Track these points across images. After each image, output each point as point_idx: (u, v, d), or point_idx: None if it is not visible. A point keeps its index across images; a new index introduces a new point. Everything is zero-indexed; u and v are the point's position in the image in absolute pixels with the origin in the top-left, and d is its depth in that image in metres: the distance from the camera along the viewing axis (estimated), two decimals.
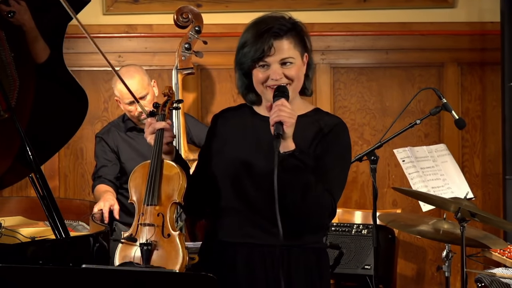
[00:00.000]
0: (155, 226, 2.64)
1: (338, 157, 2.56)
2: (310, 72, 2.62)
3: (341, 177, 2.58)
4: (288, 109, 2.40)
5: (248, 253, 2.56)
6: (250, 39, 2.51)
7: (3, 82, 2.97)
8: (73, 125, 3.28)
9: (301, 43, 2.55)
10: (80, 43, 4.76)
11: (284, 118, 2.38)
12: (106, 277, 2.20)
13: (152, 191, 2.64)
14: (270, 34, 2.49)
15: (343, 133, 2.60)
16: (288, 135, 2.40)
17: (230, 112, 2.73)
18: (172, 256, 2.60)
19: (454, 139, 4.84)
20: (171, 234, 2.62)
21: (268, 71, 2.50)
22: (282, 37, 2.50)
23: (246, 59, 2.52)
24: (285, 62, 2.50)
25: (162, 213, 2.64)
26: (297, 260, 2.56)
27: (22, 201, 4.08)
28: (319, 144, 2.55)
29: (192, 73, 4.28)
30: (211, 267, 2.54)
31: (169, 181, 2.65)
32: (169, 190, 2.65)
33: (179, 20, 4.20)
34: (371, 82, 4.89)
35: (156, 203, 2.64)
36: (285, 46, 2.50)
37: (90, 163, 4.76)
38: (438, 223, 3.61)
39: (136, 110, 4.08)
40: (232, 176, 2.57)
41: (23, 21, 2.97)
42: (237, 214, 2.57)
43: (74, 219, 3.89)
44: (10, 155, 3.08)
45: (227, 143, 2.63)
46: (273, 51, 2.48)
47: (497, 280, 3.53)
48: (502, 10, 4.61)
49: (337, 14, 4.84)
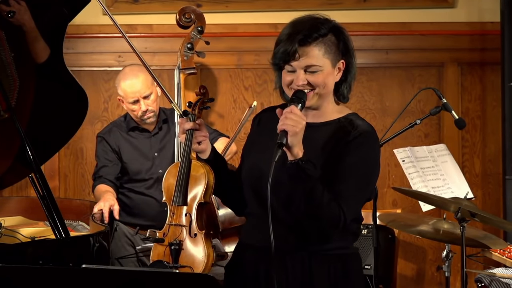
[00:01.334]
0: (182, 226, 2.70)
1: (355, 167, 2.44)
2: (350, 77, 2.55)
3: (356, 190, 2.46)
4: (296, 116, 2.35)
5: (267, 258, 2.48)
6: (283, 39, 2.48)
7: (3, 82, 2.97)
8: (73, 125, 3.28)
9: (337, 49, 2.50)
10: (80, 43, 4.76)
11: (288, 126, 2.33)
12: (106, 277, 2.20)
13: (179, 192, 2.69)
14: (297, 39, 2.44)
15: (366, 143, 2.50)
16: (292, 144, 2.34)
17: (268, 112, 2.68)
18: (197, 255, 2.65)
19: (454, 139, 4.84)
20: (197, 234, 2.67)
21: (293, 75, 2.46)
22: (310, 44, 2.44)
23: (275, 59, 2.49)
24: (310, 70, 2.45)
25: (189, 213, 2.70)
26: (319, 267, 2.51)
27: (22, 201, 4.08)
28: (338, 149, 2.47)
29: (194, 73, 4.28)
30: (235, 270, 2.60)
31: (196, 181, 2.71)
32: (195, 190, 2.71)
33: (181, 20, 4.20)
34: (371, 82, 4.89)
35: (184, 203, 2.69)
36: (312, 53, 2.45)
37: (90, 163, 4.76)
38: (438, 223, 3.61)
39: (139, 109, 4.08)
40: (253, 181, 2.55)
41: (23, 21, 2.97)
42: (257, 219, 2.55)
43: (74, 219, 3.90)
44: (10, 155, 3.08)
45: (255, 146, 2.62)
46: (298, 56, 2.44)
47: (497, 280, 3.53)
48: (502, 10, 4.61)
49: (337, 14, 4.75)
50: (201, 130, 2.58)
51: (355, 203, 2.49)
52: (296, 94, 2.44)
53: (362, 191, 2.50)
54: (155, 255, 2.75)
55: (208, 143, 2.62)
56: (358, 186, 2.47)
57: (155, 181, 4.06)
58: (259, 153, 2.57)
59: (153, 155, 4.12)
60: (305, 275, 2.50)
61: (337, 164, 2.44)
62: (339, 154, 2.45)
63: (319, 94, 2.48)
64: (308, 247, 2.49)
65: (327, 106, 2.55)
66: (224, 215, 3.87)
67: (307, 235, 2.48)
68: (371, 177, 2.53)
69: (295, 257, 2.49)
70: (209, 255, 2.66)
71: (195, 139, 2.58)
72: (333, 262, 2.52)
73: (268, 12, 4.66)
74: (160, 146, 4.15)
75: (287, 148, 2.34)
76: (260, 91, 4.82)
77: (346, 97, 2.58)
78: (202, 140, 2.59)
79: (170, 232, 2.73)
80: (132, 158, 4.14)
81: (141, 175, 4.10)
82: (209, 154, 2.61)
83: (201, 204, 2.69)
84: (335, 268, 2.52)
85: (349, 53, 2.54)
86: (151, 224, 3.62)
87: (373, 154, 2.53)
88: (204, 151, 2.60)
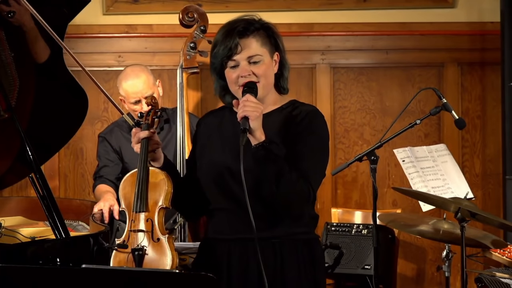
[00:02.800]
0: (144, 231, 2.76)
1: (311, 144, 2.61)
2: (285, 71, 2.71)
3: (317, 164, 2.63)
4: (253, 103, 2.49)
5: (240, 248, 2.63)
6: (220, 39, 2.62)
7: (3, 82, 2.97)
8: (73, 125, 3.28)
9: (270, 42, 2.65)
10: (80, 43, 4.76)
11: (248, 112, 2.47)
12: (106, 277, 2.21)
13: (140, 199, 2.77)
14: (236, 33, 2.59)
15: (316, 120, 2.66)
16: (255, 128, 2.48)
17: (212, 115, 2.84)
18: (162, 259, 2.71)
19: (454, 139, 4.84)
20: (160, 238, 2.75)
21: (238, 70, 2.60)
22: (248, 36, 2.60)
23: (216, 59, 2.63)
24: (253, 60, 2.59)
25: (150, 219, 2.78)
26: (290, 253, 2.63)
27: (22, 201, 4.08)
28: (292, 132, 2.61)
29: (197, 73, 4.29)
30: (206, 265, 2.67)
31: (156, 187, 2.77)
32: (155, 196, 2.78)
33: (184, 19, 4.21)
34: (371, 82, 4.89)
35: (144, 209, 2.78)
36: (252, 44, 2.60)
37: (90, 163, 4.76)
38: (438, 223, 3.61)
39: (141, 109, 4.08)
40: (215, 177, 2.66)
41: (23, 21, 2.97)
42: (226, 213, 2.67)
43: (74, 219, 3.89)
44: (10, 155, 3.08)
45: (208, 145, 2.73)
46: (240, 49, 2.58)
47: (497, 280, 3.53)
48: (502, 10, 4.61)
49: (337, 14, 4.84)
50: (154, 139, 2.72)
51: (319, 176, 2.65)
52: (247, 84, 2.58)
53: (322, 163, 2.66)
54: (116, 263, 2.79)
55: (161, 151, 2.76)
56: (318, 160, 2.63)
57: None
58: (215, 152, 2.69)
59: None
60: (277, 261, 2.61)
61: (295, 144, 2.58)
62: (293, 135, 2.61)
63: (263, 86, 2.61)
64: (277, 233, 2.62)
65: (270, 97, 2.69)
66: None
67: (278, 220, 2.61)
68: (326, 149, 2.69)
69: (267, 244, 2.59)
70: (174, 258, 2.73)
71: (150, 147, 2.71)
72: (300, 247, 2.65)
73: (268, 12, 4.65)
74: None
75: (250, 133, 2.47)
76: None
77: (286, 88, 2.74)
78: (156, 148, 2.73)
79: (131, 238, 2.78)
80: (133, 158, 4.13)
81: None
82: (163, 162, 2.75)
83: (162, 208, 2.76)
84: (302, 253, 2.65)
85: (280, 48, 2.69)
86: None
87: (324, 128, 2.68)
88: (158, 159, 2.75)
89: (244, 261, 2.62)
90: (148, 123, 2.81)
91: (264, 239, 2.54)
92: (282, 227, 2.62)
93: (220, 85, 2.70)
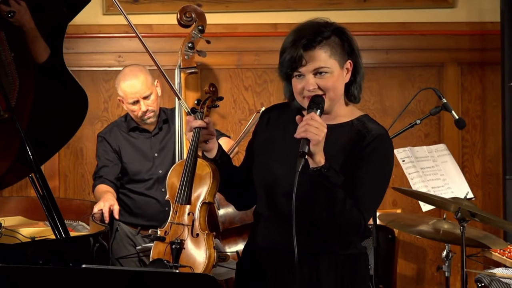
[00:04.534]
0: (185, 225, 2.68)
1: (373, 172, 2.43)
2: (359, 77, 2.53)
3: (374, 195, 2.47)
4: (317, 124, 2.32)
5: (277, 260, 2.51)
6: (287, 47, 2.46)
7: (3, 82, 2.97)
8: (73, 125, 3.28)
9: (342, 49, 2.48)
10: (80, 43, 4.76)
11: (310, 134, 2.30)
12: (106, 277, 2.21)
13: (183, 190, 2.68)
14: (301, 44, 2.41)
15: (383, 147, 2.48)
16: (315, 152, 2.32)
17: (278, 110, 2.65)
18: (198, 255, 2.64)
19: (454, 139, 4.84)
20: (199, 234, 2.66)
21: (303, 81, 2.43)
22: (314, 47, 2.42)
23: (282, 68, 2.47)
24: (319, 72, 2.42)
25: (192, 212, 2.69)
26: (328, 267, 2.50)
27: (22, 201, 4.08)
28: (355, 155, 2.45)
29: (195, 72, 4.28)
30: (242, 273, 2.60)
31: (201, 180, 2.69)
32: (199, 189, 2.70)
33: (182, 19, 4.21)
34: (371, 82, 4.89)
35: (187, 202, 2.68)
36: (319, 56, 2.42)
37: (90, 163, 4.76)
38: (438, 223, 3.61)
39: (139, 109, 4.08)
40: (266, 185, 2.54)
41: (23, 21, 2.97)
42: (268, 222, 2.55)
43: (74, 219, 3.90)
44: (10, 155, 3.08)
45: (266, 145, 2.59)
46: (305, 62, 2.41)
47: (497, 280, 3.53)
48: (502, 10, 4.61)
49: (337, 14, 4.83)
50: (209, 129, 2.56)
51: (374, 207, 2.52)
52: (313, 100, 2.41)
53: (379, 194, 2.50)
54: (155, 253, 2.73)
55: (215, 141, 2.60)
56: (376, 190, 2.47)
57: (155, 182, 4.06)
58: (271, 154, 2.55)
59: (153, 155, 4.12)
60: (313, 276, 2.48)
61: (355, 170, 2.42)
62: (356, 159, 2.44)
63: (331, 99, 2.46)
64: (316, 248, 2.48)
65: (338, 108, 2.53)
66: (225, 215, 3.86)
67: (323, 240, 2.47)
68: (387, 179, 2.51)
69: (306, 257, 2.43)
70: (211, 256, 2.65)
71: (202, 137, 2.57)
72: (341, 263, 2.51)
73: (268, 12, 4.66)
74: (160, 147, 4.15)
75: (309, 156, 2.32)
76: (260, 91, 4.82)
77: (357, 97, 2.56)
78: (209, 139, 2.58)
79: (172, 230, 2.71)
80: (132, 159, 4.13)
81: (141, 175, 4.10)
82: (216, 153, 2.60)
83: (204, 203, 2.68)
84: (342, 269, 2.51)
85: (355, 53, 2.52)
86: (152, 224, 3.63)
87: (389, 157, 2.51)
88: (211, 150, 2.59)
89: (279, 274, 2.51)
90: (202, 112, 2.70)
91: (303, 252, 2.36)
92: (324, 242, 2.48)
93: (290, 90, 2.52)
